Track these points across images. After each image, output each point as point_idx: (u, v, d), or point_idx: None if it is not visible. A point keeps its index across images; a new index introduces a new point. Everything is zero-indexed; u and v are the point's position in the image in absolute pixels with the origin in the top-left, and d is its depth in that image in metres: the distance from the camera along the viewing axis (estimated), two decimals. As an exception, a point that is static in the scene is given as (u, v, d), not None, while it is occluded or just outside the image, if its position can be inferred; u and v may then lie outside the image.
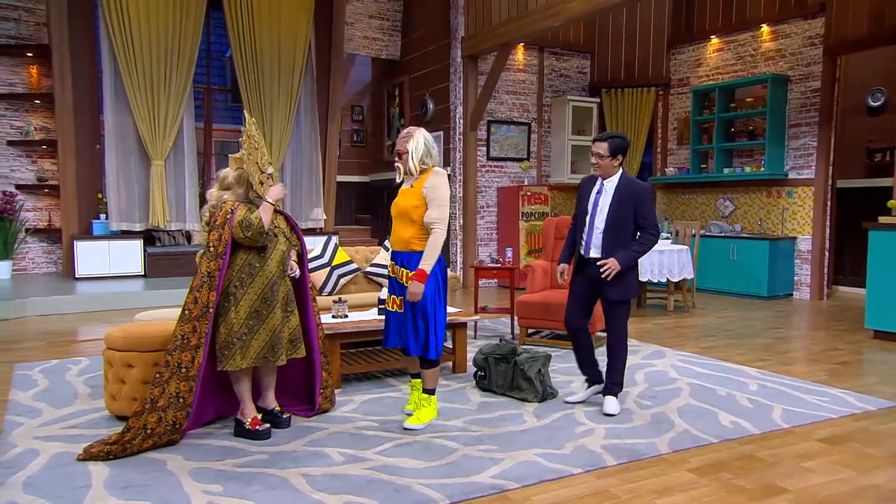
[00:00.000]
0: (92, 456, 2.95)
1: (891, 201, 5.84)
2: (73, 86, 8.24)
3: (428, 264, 3.28)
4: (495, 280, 9.36)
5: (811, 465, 2.98)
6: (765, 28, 8.52)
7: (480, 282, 7.07)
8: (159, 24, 8.37)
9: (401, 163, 3.41)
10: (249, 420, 3.27)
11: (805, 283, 8.22)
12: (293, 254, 3.47)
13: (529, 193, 8.97)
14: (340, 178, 10.43)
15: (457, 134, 9.25)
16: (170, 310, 4.03)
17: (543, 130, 9.78)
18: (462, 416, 3.60)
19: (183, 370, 3.11)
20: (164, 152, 8.65)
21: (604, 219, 3.59)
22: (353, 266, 5.30)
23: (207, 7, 8.77)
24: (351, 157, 11.68)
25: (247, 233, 3.14)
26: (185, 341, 3.11)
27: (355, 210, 11.84)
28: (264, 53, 9.10)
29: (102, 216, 8.63)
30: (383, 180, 10.98)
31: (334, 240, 5.49)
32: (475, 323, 5.83)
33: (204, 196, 8.79)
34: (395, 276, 3.44)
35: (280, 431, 3.33)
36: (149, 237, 8.79)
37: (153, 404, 3.04)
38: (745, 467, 2.95)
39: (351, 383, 4.21)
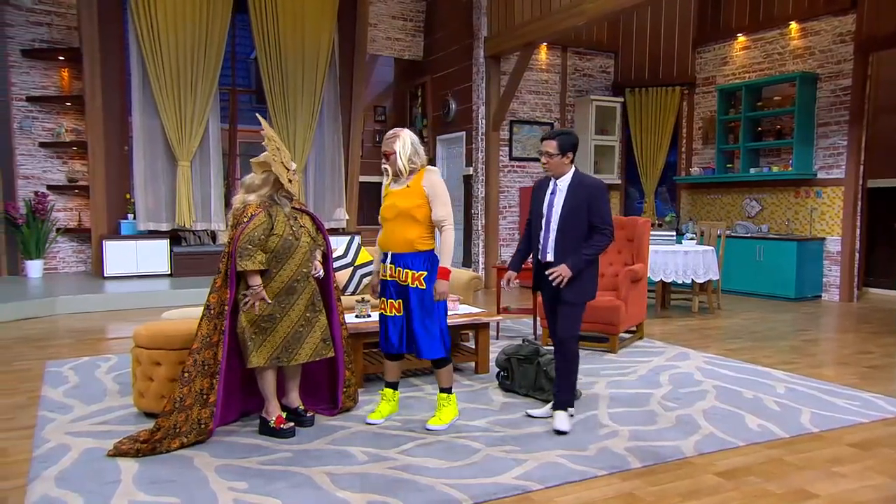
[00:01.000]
0: (122, 452, 3.00)
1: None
2: (103, 89, 8.40)
3: (448, 261, 3.29)
4: (518, 280, 9.30)
5: (842, 470, 2.93)
6: (793, 25, 8.37)
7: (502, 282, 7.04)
8: (186, 28, 8.49)
9: (388, 164, 3.40)
10: (274, 418, 3.30)
11: (834, 285, 8.06)
12: (318, 254, 3.49)
13: (552, 194, 8.92)
14: (363, 179, 10.47)
15: (479, 134, 9.25)
16: (196, 308, 4.05)
17: (566, 130, 9.72)
18: (485, 417, 3.60)
19: (206, 367, 3.17)
20: (190, 153, 8.78)
21: (558, 220, 3.42)
22: (376, 266, 5.31)
23: (233, 10, 8.87)
24: (374, 158, 11.68)
25: (240, 248, 3.14)
26: (208, 339, 3.18)
27: (378, 210, 11.86)
28: (288, 55, 9.18)
29: (130, 216, 8.78)
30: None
31: (357, 240, 5.52)
32: (497, 323, 5.82)
33: (229, 196, 8.91)
34: (395, 278, 3.40)
35: (304, 430, 3.36)
36: (175, 237, 8.93)
37: (181, 403, 3.09)
38: (774, 471, 2.90)
39: (374, 383, 4.23)
